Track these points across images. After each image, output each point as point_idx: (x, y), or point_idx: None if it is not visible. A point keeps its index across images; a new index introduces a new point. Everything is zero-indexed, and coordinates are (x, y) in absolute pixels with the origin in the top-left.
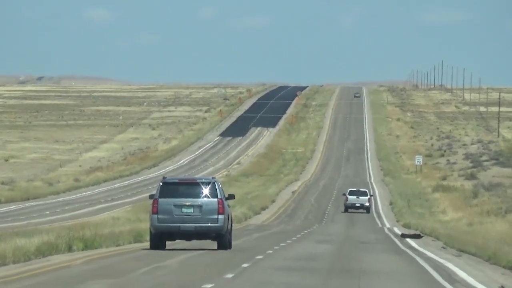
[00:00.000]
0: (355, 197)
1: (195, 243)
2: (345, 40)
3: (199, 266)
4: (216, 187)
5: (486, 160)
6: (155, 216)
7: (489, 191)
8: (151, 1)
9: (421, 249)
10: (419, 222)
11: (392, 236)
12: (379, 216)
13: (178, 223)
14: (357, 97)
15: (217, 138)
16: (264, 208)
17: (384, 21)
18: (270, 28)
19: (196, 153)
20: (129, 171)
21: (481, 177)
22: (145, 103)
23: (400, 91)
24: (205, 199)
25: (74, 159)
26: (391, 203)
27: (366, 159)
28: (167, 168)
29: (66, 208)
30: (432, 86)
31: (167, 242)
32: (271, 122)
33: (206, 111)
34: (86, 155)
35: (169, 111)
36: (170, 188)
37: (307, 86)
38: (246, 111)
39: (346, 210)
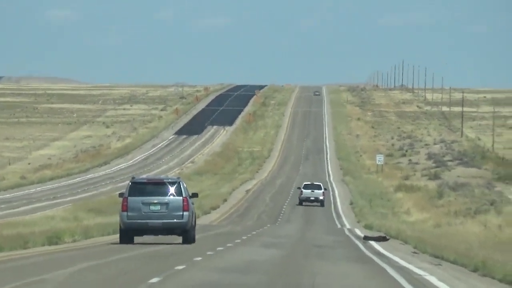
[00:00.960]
0: (309, 190)
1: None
2: (305, 42)
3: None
4: (181, 186)
5: (450, 160)
6: (125, 213)
7: (455, 191)
8: (111, 2)
9: (389, 255)
10: (382, 223)
11: (354, 239)
12: (339, 217)
13: (146, 219)
14: (317, 95)
15: (172, 136)
16: (214, 208)
17: (344, 23)
18: (229, 30)
19: (150, 151)
20: (78, 169)
21: (445, 177)
22: (100, 101)
23: (361, 90)
24: (171, 197)
25: (24, 157)
26: (351, 203)
27: (325, 158)
28: (119, 166)
29: (2, 206)
30: (393, 87)
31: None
32: (228, 121)
33: (162, 109)
34: (37, 152)
35: (124, 109)
36: (138, 187)
37: (266, 85)
38: (203, 110)
39: (300, 203)
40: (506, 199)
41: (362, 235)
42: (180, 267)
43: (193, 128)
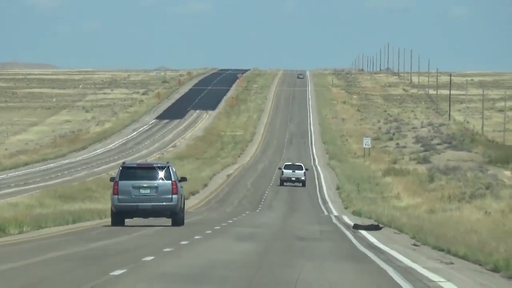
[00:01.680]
0: (290, 171)
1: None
2: (288, 27)
3: None
4: (170, 171)
5: (438, 144)
6: (116, 196)
7: (446, 175)
8: None
9: (387, 249)
10: (372, 209)
11: (343, 228)
12: (325, 202)
13: (136, 202)
14: (301, 78)
15: (154, 120)
16: (194, 193)
17: (327, 7)
18: (212, 14)
19: (129, 136)
20: (54, 154)
21: (434, 161)
22: (80, 86)
23: (346, 74)
24: (161, 181)
25: (1, 142)
26: (338, 188)
27: (310, 143)
28: (97, 151)
29: None
30: (379, 70)
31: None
32: (210, 105)
33: (143, 94)
34: (14, 138)
35: (104, 93)
36: (129, 172)
37: (249, 70)
38: (186, 94)
39: (281, 184)
40: (501, 182)
41: (352, 224)
42: (119, 271)
43: (175, 112)
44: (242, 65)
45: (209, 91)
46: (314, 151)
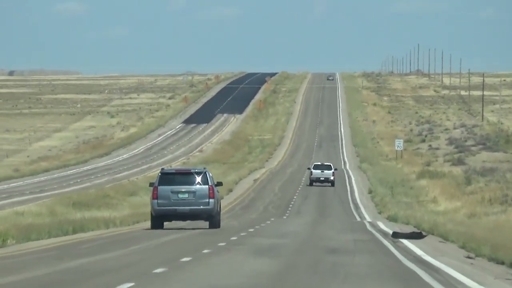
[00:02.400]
0: (319, 171)
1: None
2: (317, 30)
3: None
4: (207, 176)
5: (473, 145)
6: (155, 201)
7: (484, 177)
8: None
9: (439, 265)
10: (408, 214)
11: (380, 236)
12: (357, 207)
13: (175, 206)
14: (331, 79)
15: (180, 125)
16: None
17: (355, 10)
18: (239, 19)
19: (155, 140)
20: (76, 160)
21: (470, 162)
22: (106, 91)
23: (376, 76)
24: (198, 186)
25: (23, 149)
26: (370, 192)
27: (340, 145)
28: (120, 157)
29: None
30: (409, 72)
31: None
32: (238, 109)
33: (170, 98)
34: (37, 144)
35: (130, 98)
36: (168, 177)
37: (277, 73)
38: (213, 98)
39: (311, 184)
40: None
41: (390, 231)
42: None
43: (203, 116)
44: (270, 69)
45: (236, 94)
46: (345, 154)
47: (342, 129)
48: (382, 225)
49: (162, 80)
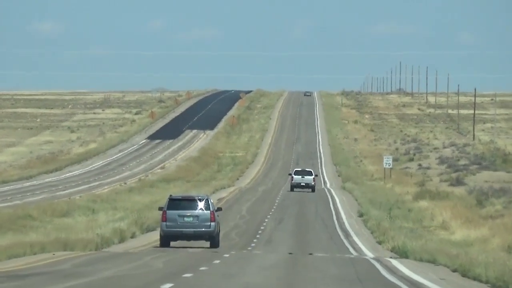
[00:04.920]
0: (300, 176)
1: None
2: (295, 51)
3: None
4: (209, 202)
5: (467, 165)
6: (164, 223)
7: (497, 198)
8: (98, 14)
9: None
10: (421, 245)
11: None
12: (347, 235)
13: (181, 228)
14: (308, 95)
15: (144, 140)
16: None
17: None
18: (218, 40)
19: (114, 156)
20: (20, 175)
21: (470, 182)
22: (69, 106)
23: (356, 94)
24: (201, 211)
25: None
26: (361, 215)
27: (319, 164)
28: (71, 173)
29: None
30: (390, 91)
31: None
32: (209, 125)
33: (136, 113)
34: None
35: (94, 113)
36: (175, 202)
37: (252, 90)
38: (182, 113)
39: (292, 189)
40: None
41: (429, 284)
42: None
43: (169, 132)
44: (245, 87)
45: (208, 110)
46: (325, 173)
47: (321, 147)
48: (403, 268)
49: (131, 96)
